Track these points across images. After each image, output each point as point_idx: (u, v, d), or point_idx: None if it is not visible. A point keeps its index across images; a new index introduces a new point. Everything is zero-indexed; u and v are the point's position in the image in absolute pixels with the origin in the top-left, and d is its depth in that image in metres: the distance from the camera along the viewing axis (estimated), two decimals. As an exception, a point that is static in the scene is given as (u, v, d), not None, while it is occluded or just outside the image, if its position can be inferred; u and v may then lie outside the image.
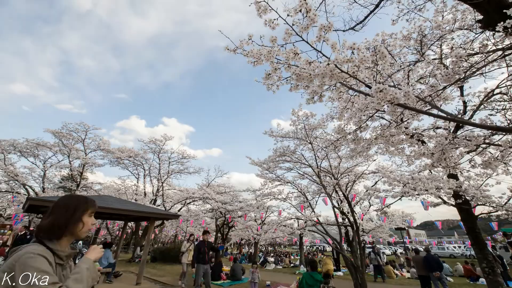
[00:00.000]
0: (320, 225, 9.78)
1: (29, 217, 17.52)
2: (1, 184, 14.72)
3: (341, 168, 12.16)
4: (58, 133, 16.24)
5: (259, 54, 3.11)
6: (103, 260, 8.20)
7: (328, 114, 10.07)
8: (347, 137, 3.36)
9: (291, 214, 12.70)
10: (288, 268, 15.38)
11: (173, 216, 10.62)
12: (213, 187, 20.34)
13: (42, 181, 16.11)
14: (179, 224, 20.80)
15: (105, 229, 20.64)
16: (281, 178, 12.63)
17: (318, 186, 13.48)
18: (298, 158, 12.22)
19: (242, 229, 19.65)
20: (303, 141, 11.53)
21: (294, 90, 3.86)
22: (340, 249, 9.07)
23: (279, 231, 10.35)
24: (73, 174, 17.59)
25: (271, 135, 11.54)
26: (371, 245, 35.41)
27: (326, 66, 2.42)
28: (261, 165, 12.66)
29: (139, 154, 18.80)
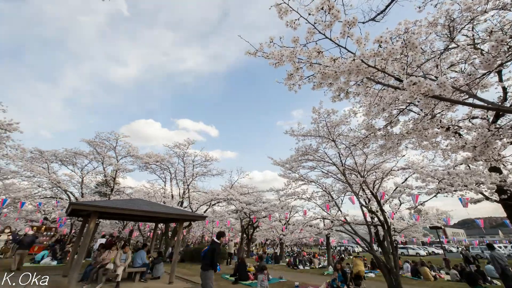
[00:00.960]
0: (348, 225, 9.47)
1: (71, 220, 19.09)
2: (46, 191, 16.24)
3: (367, 165, 11.70)
4: (92, 142, 17.52)
5: (281, 55, 3.12)
6: (138, 260, 8.69)
7: (350, 110, 9.76)
8: (376, 133, 3.23)
9: (317, 213, 12.49)
10: (315, 269, 15.11)
11: (200, 217, 10.93)
12: (236, 188, 20.60)
13: (81, 187, 17.48)
14: (205, 225, 21.36)
15: (137, 230, 21.85)
16: (304, 178, 12.44)
17: (343, 184, 13.09)
18: (321, 157, 11.96)
19: (266, 230, 19.70)
20: (326, 139, 11.26)
21: (317, 88, 3.80)
22: (371, 249, 8.71)
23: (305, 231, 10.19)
24: (107, 180, 18.86)
25: (292, 135, 11.41)
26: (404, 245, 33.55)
27: (351, 62, 2.35)
28: (284, 165, 12.58)
29: (165, 159, 19.62)
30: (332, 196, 12.16)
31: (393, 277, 7.67)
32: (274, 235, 20.43)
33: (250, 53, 4.11)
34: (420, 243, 39.17)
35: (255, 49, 4.18)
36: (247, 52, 3.94)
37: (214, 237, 6.26)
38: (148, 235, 23.30)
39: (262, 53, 4.17)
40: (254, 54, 4.23)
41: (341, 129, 10.73)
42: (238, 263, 9.66)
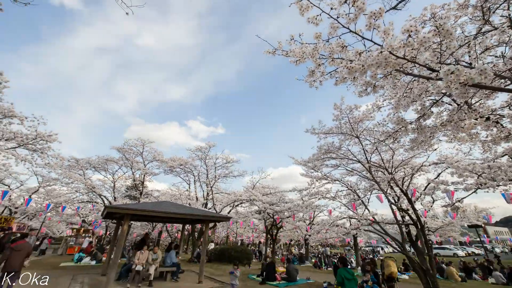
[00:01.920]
0: (377, 224, 9.07)
1: (106, 223, 20.39)
2: (83, 196, 17.53)
3: (394, 162, 11.17)
4: (121, 149, 18.61)
5: (302, 53, 3.09)
6: (168, 260, 9.05)
7: (374, 104, 9.37)
8: (407, 127, 3.07)
9: (343, 213, 12.10)
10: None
11: (225, 218, 11.12)
12: (258, 189, 20.67)
13: (113, 191, 18.62)
14: (229, 225, 21.69)
15: (166, 231, 22.78)
16: (328, 176, 12.16)
17: (369, 182, 12.61)
18: (344, 154, 11.62)
19: (291, 230, 19.51)
20: (349, 135, 10.93)
21: (339, 83, 3.71)
22: (403, 250, 8.26)
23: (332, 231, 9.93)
24: (136, 184, 19.90)
25: (313, 133, 11.21)
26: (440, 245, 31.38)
27: (378, 54, 2.26)
28: (306, 164, 12.39)
29: (188, 162, 20.26)
30: (358, 194, 11.75)
31: (430, 279, 7.21)
32: (298, 235, 20.18)
33: (269, 52, 4.12)
34: (458, 243, 36.41)
35: (274, 48, 4.19)
36: (266, 51, 3.96)
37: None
38: (176, 236, 24.17)
39: (281, 51, 4.18)
40: (273, 53, 4.22)
41: (365, 124, 10.38)
42: (266, 263, 9.66)
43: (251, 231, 26.18)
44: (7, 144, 9.60)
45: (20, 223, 17.91)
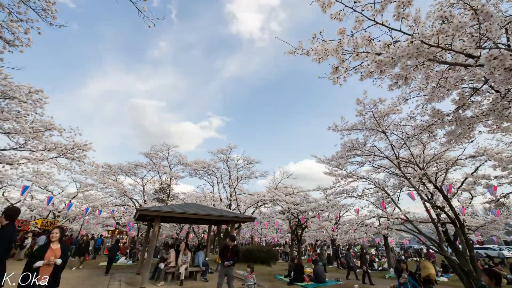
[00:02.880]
0: (410, 223, 8.57)
1: (138, 224, 21.53)
2: (116, 199, 18.73)
3: (426, 156, 10.51)
4: (149, 154, 19.58)
5: (324, 50, 3.03)
6: (197, 260, 9.33)
7: (400, 97, 8.91)
8: (444, 119, 2.88)
9: (371, 212, 11.62)
10: (376, 271, 14.02)
11: (250, 219, 11.21)
12: (281, 189, 20.58)
13: (143, 194, 19.64)
14: (253, 226, 21.82)
15: (193, 232, 23.50)
16: (353, 174, 11.76)
17: (398, 179, 12.01)
18: (370, 151, 11.18)
19: (316, 230, 19.13)
20: (374, 131, 10.52)
21: (365, 78, 3.60)
22: (441, 250, 7.72)
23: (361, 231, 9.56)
24: (163, 187, 20.81)
25: (335, 130, 10.91)
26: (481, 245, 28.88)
27: (409, 44, 2.16)
28: (329, 162, 12.11)
29: (211, 164, 20.77)
30: (387, 192, 11.22)
31: (473, 281, 6.66)
32: (324, 236, 19.72)
33: (290, 52, 4.11)
34: (503, 243, 33.23)
35: (294, 48, 4.17)
36: (287, 51, 3.95)
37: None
38: (202, 237, 24.85)
39: (301, 50, 4.14)
40: (293, 53, 4.21)
41: (391, 118, 9.93)
42: (293, 264, 9.58)
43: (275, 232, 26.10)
44: (50, 154, 10.49)
45: (63, 225, 19.53)
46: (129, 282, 8.22)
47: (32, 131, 9.20)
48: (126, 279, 8.64)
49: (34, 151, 9.96)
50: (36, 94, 9.20)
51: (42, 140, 10.05)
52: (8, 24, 4.45)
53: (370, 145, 11.08)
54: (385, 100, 9.27)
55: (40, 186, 17.22)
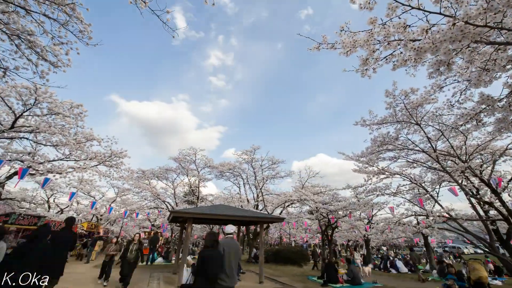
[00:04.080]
0: (455, 221, 7.87)
1: (171, 226, 22.58)
2: (150, 203, 19.88)
3: (468, 148, 9.62)
4: (177, 158, 20.46)
5: (353, 42, 2.92)
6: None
7: (434, 84, 8.31)
8: (495, 105, 2.60)
9: (408, 210, 10.90)
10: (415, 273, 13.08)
11: (278, 219, 11.16)
12: (308, 188, 20.20)
13: (174, 197, 20.59)
14: (281, 226, 21.69)
15: (222, 233, 24.05)
16: (386, 170, 11.15)
17: (436, 173, 11.14)
18: (403, 145, 10.54)
19: (347, 230, 18.45)
20: (407, 123, 9.91)
21: (398, 67, 3.41)
22: (493, 251, 6.99)
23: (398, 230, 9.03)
24: (193, 189, 21.58)
25: (363, 125, 10.46)
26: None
27: (451, 27, 1.98)
28: (358, 159, 11.61)
29: (236, 166, 21.07)
30: (425, 188, 10.45)
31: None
32: (356, 236, 18.94)
33: (315, 48, 4.03)
34: None
35: (318, 43, 4.07)
36: (313, 47, 3.87)
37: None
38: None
39: (326, 45, 4.03)
40: (317, 48, 4.12)
41: (425, 109, 9.29)
42: (326, 265, 9.33)
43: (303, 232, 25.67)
44: (91, 162, 11.43)
45: (105, 228, 21.18)
46: (167, 281, 8.64)
47: (75, 143, 10.09)
48: (164, 278, 9.09)
49: (77, 160, 10.92)
50: (76, 108, 10.07)
51: (84, 150, 10.96)
52: (52, 47, 4.95)
53: (403, 139, 10.47)
54: (417, 90, 8.69)
55: (84, 192, 18.88)
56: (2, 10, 4.13)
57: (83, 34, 4.79)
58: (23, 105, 8.53)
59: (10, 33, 4.41)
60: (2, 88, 7.50)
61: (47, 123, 9.33)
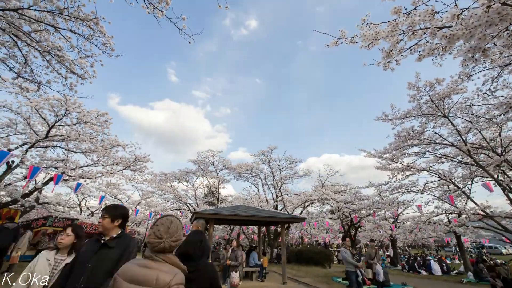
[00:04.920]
0: (491, 219, 7.28)
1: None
2: (173, 204, 20.53)
3: (503, 139, 8.91)
4: (196, 161, 20.95)
5: (375, 34, 2.80)
6: (252, 260, 9.53)
7: (461, 73, 7.84)
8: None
9: (438, 208, 10.26)
10: (449, 275, 12.29)
11: (299, 219, 11.03)
12: (328, 187, 19.77)
13: (195, 199, 21.09)
14: (302, 226, 21.41)
15: (243, 233, 24.24)
16: (411, 167, 10.61)
17: (467, 168, 10.41)
18: (429, 139, 10.00)
19: (371, 230, 17.80)
20: (433, 116, 9.39)
21: (424, 57, 3.24)
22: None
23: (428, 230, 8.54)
24: (212, 191, 21.99)
25: (385, 120, 10.06)
26: None
27: (486, 10, 1.83)
28: (381, 155, 11.16)
29: (254, 166, 21.14)
30: (456, 184, 9.80)
31: None
32: (381, 236, 18.19)
33: (333, 43, 3.92)
34: None
35: (336, 38, 3.96)
36: (331, 43, 3.77)
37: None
38: (252, 238, 25.41)
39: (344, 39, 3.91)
40: (335, 44, 4.00)
41: (453, 100, 8.76)
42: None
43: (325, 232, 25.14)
44: (117, 167, 12.00)
45: (132, 229, 22.16)
46: (191, 281, 8.85)
47: (102, 149, 10.65)
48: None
49: (105, 165, 11.51)
50: (102, 116, 10.62)
51: (111, 156, 11.53)
52: (78, 61, 5.26)
53: (429, 133, 9.96)
54: (443, 80, 8.21)
55: (112, 195, 19.89)
56: (35, 29, 4.45)
57: (106, 47, 5.03)
58: (55, 116, 9.16)
59: (41, 50, 4.73)
60: (37, 101, 8.10)
61: (76, 131, 9.93)
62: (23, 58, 4.64)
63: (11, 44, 4.32)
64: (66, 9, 4.02)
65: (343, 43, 3.95)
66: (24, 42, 4.36)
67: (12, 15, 3.87)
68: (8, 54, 4.49)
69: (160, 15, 3.91)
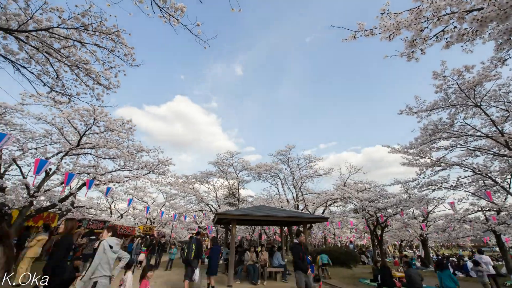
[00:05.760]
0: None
1: (216, 227, 23.59)
2: (195, 206, 21.09)
3: (546, 127, 8.11)
4: (216, 162, 21.33)
5: (396, 24, 2.66)
6: (275, 261, 9.49)
7: (494, 58, 7.29)
8: None
9: (474, 204, 9.52)
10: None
11: (322, 219, 10.81)
12: (350, 186, 19.15)
13: (216, 200, 21.49)
14: (325, 226, 20.95)
15: (264, 234, 24.26)
16: (441, 161, 9.96)
17: (505, 161, 9.60)
18: (460, 131, 9.35)
19: (399, 229, 16.96)
20: (463, 106, 8.79)
21: (453, 44, 3.03)
22: None
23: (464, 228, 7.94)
24: (233, 192, 22.26)
25: (409, 113, 9.56)
26: None
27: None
28: (407, 151, 10.58)
29: (273, 166, 21.04)
30: (493, 179, 9.03)
31: None
32: (411, 235, 17.24)
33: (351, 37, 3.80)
34: None
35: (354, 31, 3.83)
36: (349, 37, 3.66)
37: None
38: (274, 238, 25.31)
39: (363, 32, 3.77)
40: (354, 37, 3.88)
41: (485, 88, 8.16)
42: (379, 267, 8.68)
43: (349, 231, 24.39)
44: (142, 171, 12.55)
45: (158, 230, 23.11)
46: (218, 280, 9.01)
47: (128, 154, 11.20)
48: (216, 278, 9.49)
49: (131, 170, 12.09)
50: (127, 124, 11.17)
51: (136, 161, 12.09)
52: (103, 72, 5.57)
53: (459, 124, 9.36)
54: (473, 67, 7.65)
55: (138, 198, 20.88)
56: (64, 45, 4.79)
57: (128, 57, 5.29)
58: (85, 125, 9.80)
59: (70, 65, 5.09)
60: (69, 112, 8.72)
61: (104, 139, 10.54)
62: (55, 73, 4.99)
63: (44, 61, 4.68)
64: (90, 24, 4.27)
65: (361, 36, 3.83)
66: (55, 58, 4.68)
67: (44, 34, 4.19)
68: (42, 70, 4.86)
69: (176, 23, 4.03)
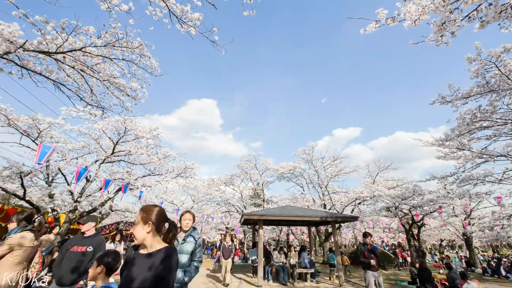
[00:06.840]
0: None
1: (243, 228, 23.89)
2: (222, 207, 21.54)
3: None
4: (240, 164, 21.60)
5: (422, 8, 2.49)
6: (304, 261, 9.34)
7: None
8: None
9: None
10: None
11: (351, 218, 10.42)
12: (380, 183, 18.20)
13: (242, 201, 21.75)
14: (355, 226, 20.12)
15: (292, 234, 24.00)
16: (483, 153, 9.06)
17: None
18: (504, 118, 8.43)
19: (438, 228, 15.71)
20: (506, 90, 7.93)
21: (488, 23, 2.79)
22: None
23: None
24: (258, 192, 22.36)
25: (443, 102, 8.83)
26: None
27: None
28: (443, 143, 9.78)
29: (296, 166, 20.74)
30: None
31: None
32: (451, 234, 15.86)
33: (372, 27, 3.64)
34: None
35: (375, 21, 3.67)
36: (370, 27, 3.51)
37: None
38: (302, 238, 24.93)
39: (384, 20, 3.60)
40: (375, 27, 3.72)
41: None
42: (418, 269, 8.13)
43: (381, 231, 23.16)
44: (171, 175, 13.13)
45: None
46: (247, 280, 9.12)
47: (157, 160, 11.79)
48: (244, 277, 9.63)
49: (160, 174, 12.72)
50: (154, 131, 11.76)
51: (164, 166, 12.70)
52: (131, 84, 5.94)
53: (503, 111, 8.46)
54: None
55: (168, 201, 21.87)
56: (96, 62, 5.20)
57: (152, 68, 5.59)
58: (117, 134, 10.53)
59: (102, 80, 5.51)
60: (103, 123, 9.44)
61: (135, 146, 11.22)
62: (90, 88, 5.43)
63: (79, 77, 5.12)
64: (117, 41, 4.58)
65: (383, 25, 3.66)
66: (89, 75, 5.10)
67: (78, 54, 4.59)
68: (78, 87, 5.32)
69: (194, 31, 4.18)
